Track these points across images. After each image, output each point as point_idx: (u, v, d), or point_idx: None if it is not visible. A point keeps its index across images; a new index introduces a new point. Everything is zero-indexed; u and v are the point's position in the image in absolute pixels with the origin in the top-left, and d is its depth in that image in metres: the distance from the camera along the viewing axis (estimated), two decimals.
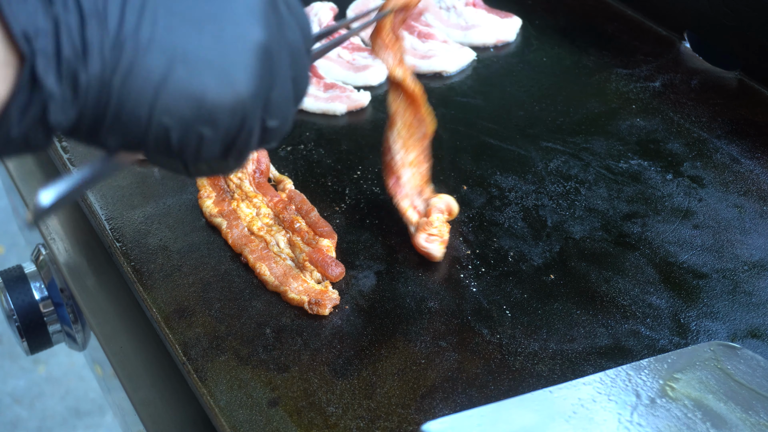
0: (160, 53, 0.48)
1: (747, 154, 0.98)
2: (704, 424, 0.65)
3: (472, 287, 0.82)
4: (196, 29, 0.49)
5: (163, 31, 0.48)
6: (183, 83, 0.48)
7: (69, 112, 0.47)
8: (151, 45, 0.47)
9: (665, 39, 1.18)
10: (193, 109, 0.49)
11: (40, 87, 0.45)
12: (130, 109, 0.48)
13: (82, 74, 0.46)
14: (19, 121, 0.46)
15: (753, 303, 0.80)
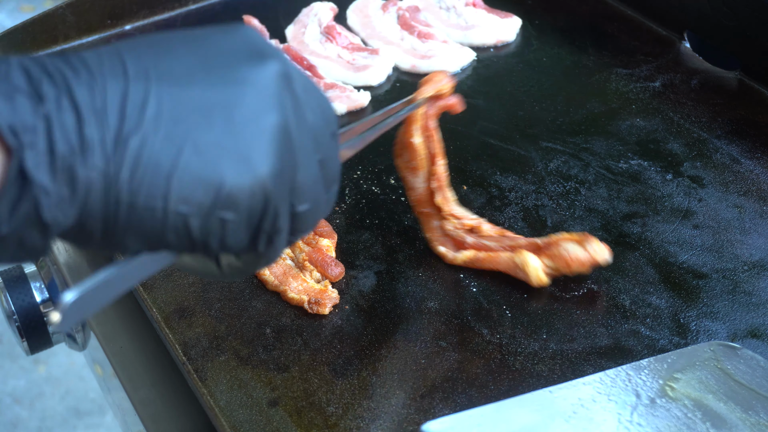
0: (168, 143, 0.46)
1: (747, 154, 0.98)
2: (704, 424, 0.65)
3: (472, 287, 0.82)
4: (205, 117, 0.47)
5: (169, 122, 0.46)
6: (197, 170, 0.47)
7: (67, 210, 0.45)
8: (156, 136, 0.46)
9: (665, 39, 1.18)
10: (211, 194, 0.48)
11: (30, 182, 0.43)
12: (143, 202, 0.46)
13: (81, 170, 0.44)
14: (9, 218, 0.43)
15: (753, 303, 0.80)
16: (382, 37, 1.19)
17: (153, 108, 0.46)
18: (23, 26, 1.17)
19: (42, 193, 0.44)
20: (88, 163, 0.44)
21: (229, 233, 0.50)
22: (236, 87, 0.49)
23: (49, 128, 0.44)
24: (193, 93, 0.47)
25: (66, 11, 1.18)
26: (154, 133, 0.46)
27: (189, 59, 0.49)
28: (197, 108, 0.47)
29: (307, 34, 1.20)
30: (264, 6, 1.26)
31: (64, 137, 0.44)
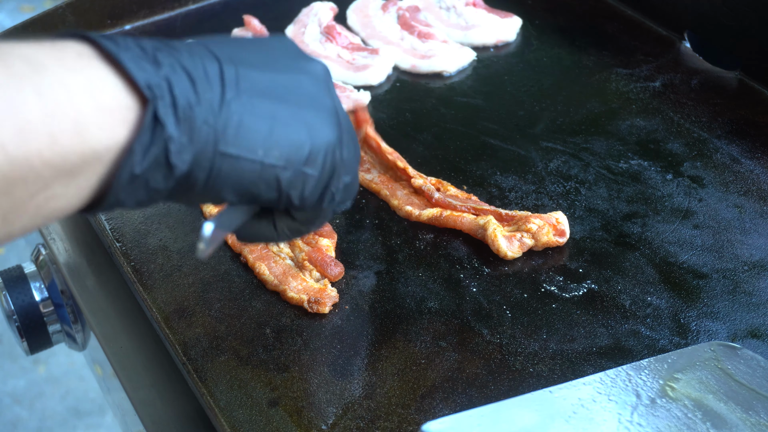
0: (262, 110, 0.55)
1: (747, 154, 0.98)
2: (704, 424, 0.65)
3: (472, 287, 0.82)
4: (282, 94, 0.57)
5: (258, 94, 0.56)
6: (286, 132, 0.56)
7: (186, 155, 0.52)
8: (253, 107, 0.55)
9: (665, 39, 1.18)
10: (298, 150, 0.57)
11: (162, 128, 0.51)
12: (246, 154, 0.55)
13: (197, 122, 0.52)
14: (142, 159, 0.51)
15: (753, 303, 0.80)
16: (382, 37, 1.19)
17: (244, 82, 0.55)
18: (23, 26, 1.17)
19: (169, 139, 0.51)
20: (200, 116, 0.52)
21: (307, 187, 0.59)
22: (299, 74, 0.59)
23: (171, 86, 0.51)
24: (269, 76, 0.57)
25: (66, 11, 1.18)
26: (249, 101, 0.55)
27: (258, 53, 0.58)
28: (277, 86, 0.57)
29: (307, 33, 1.20)
30: (264, 6, 1.26)
31: (183, 94, 0.52)
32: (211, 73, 0.54)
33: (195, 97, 0.52)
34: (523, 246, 0.84)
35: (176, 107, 0.51)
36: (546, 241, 0.85)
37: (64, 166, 0.48)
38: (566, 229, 0.86)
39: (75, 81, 0.48)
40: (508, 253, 0.84)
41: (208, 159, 0.54)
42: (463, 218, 0.87)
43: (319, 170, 0.59)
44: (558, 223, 0.85)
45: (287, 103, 0.57)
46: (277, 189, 0.58)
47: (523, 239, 0.84)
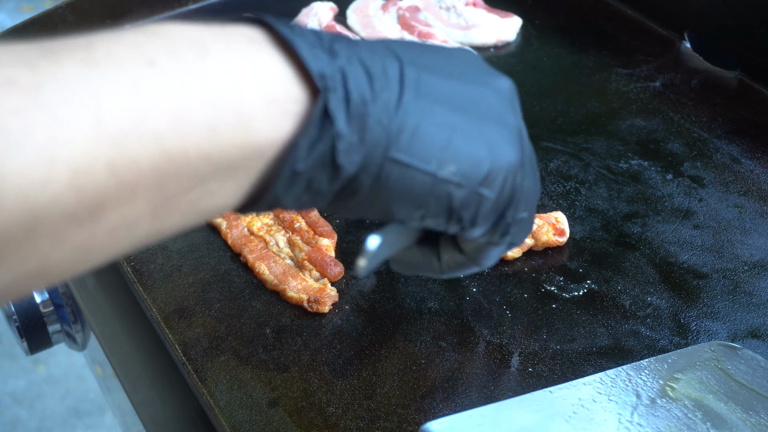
0: (441, 120, 0.50)
1: (747, 154, 0.98)
2: (704, 424, 0.65)
3: (472, 287, 0.82)
4: (463, 106, 0.52)
5: (438, 103, 0.50)
6: (466, 146, 0.51)
7: (354, 156, 0.48)
8: (432, 114, 0.50)
9: (665, 39, 1.18)
10: (478, 169, 0.52)
11: (331, 123, 0.46)
12: (418, 164, 0.49)
13: (370, 121, 0.47)
14: (306, 156, 0.46)
15: (753, 303, 0.80)
16: (382, 37, 1.19)
17: (425, 87, 0.50)
18: (23, 26, 1.17)
19: (338, 137, 0.47)
20: (375, 116, 0.48)
21: (482, 210, 0.53)
22: (485, 88, 0.54)
23: (345, 79, 0.47)
24: (452, 85, 0.52)
25: (66, 11, 1.18)
26: (429, 108, 0.50)
27: (442, 60, 0.53)
28: (460, 97, 0.52)
29: None
30: (264, 6, 1.26)
31: (357, 89, 0.47)
32: (391, 72, 0.49)
33: (371, 93, 0.47)
34: (523, 246, 0.84)
35: (349, 102, 0.47)
36: (546, 241, 0.85)
37: (222, 160, 0.44)
38: (566, 228, 0.86)
39: (242, 68, 0.44)
40: (508, 253, 0.84)
41: (376, 163, 0.49)
42: None
43: (496, 193, 0.53)
44: (558, 222, 0.85)
45: (469, 115, 0.52)
46: (448, 208, 0.52)
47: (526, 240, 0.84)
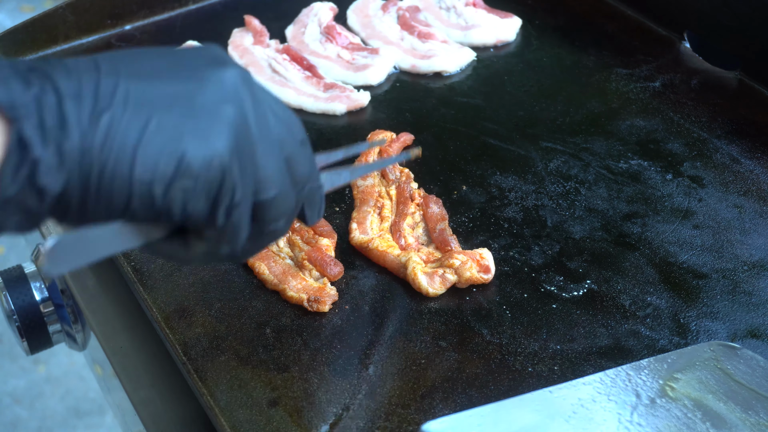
0: (134, 121, 0.53)
1: (747, 154, 0.98)
2: (704, 424, 0.65)
3: (471, 287, 0.82)
4: (168, 103, 0.54)
5: (135, 105, 0.53)
6: (159, 143, 0.53)
7: (57, 176, 0.51)
8: (124, 115, 0.53)
9: (665, 39, 1.18)
10: (171, 164, 0.53)
11: (28, 148, 0.50)
12: (111, 169, 0.52)
13: (65, 142, 0.51)
14: (12, 181, 0.50)
15: (753, 303, 0.80)
16: (383, 37, 1.19)
17: (121, 94, 0.53)
18: (23, 26, 1.17)
19: (38, 160, 0.50)
20: (69, 135, 0.51)
21: (189, 201, 0.55)
22: (198, 82, 0.55)
23: (39, 106, 0.51)
24: (159, 85, 0.54)
25: (66, 11, 1.18)
26: (122, 112, 0.53)
27: (158, 62, 0.56)
28: (161, 96, 0.54)
29: (307, 34, 1.20)
30: (264, 6, 1.26)
31: (50, 113, 0.51)
32: (86, 89, 0.52)
33: (61, 116, 0.51)
34: (445, 282, 0.81)
35: (43, 128, 0.50)
36: (469, 277, 0.81)
37: None
38: (491, 265, 0.82)
39: None
40: (430, 290, 0.81)
41: (77, 177, 0.52)
42: (387, 255, 0.84)
43: (199, 183, 0.55)
44: (482, 259, 0.82)
45: (169, 113, 0.54)
46: (152, 205, 0.54)
47: (446, 275, 0.81)
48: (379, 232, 0.87)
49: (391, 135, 0.99)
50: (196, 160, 0.54)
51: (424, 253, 0.85)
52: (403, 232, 0.87)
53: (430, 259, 0.84)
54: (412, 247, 0.86)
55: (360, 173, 0.76)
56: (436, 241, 0.86)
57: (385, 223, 0.88)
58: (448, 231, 0.87)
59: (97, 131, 0.52)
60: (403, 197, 0.91)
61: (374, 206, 0.90)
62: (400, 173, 0.93)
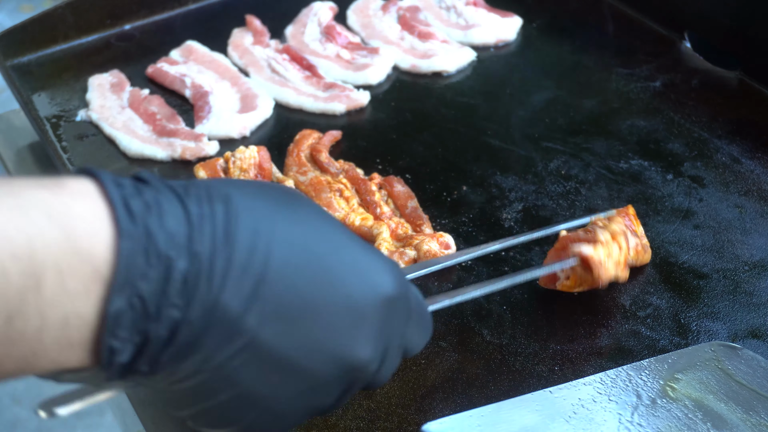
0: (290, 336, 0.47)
1: (748, 154, 0.98)
2: (705, 424, 0.65)
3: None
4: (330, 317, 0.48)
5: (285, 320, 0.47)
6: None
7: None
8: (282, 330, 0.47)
9: (666, 39, 1.18)
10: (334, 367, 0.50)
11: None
12: None
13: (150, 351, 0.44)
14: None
15: (754, 303, 0.80)
16: (383, 37, 1.19)
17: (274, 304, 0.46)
18: (22, 26, 1.17)
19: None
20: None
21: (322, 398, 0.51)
22: (355, 309, 0.49)
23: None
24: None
25: (65, 11, 1.18)
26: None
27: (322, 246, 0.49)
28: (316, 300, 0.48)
29: (306, 33, 1.20)
30: (264, 6, 1.26)
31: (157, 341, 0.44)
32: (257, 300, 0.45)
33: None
34: (403, 257, 0.83)
35: (129, 370, 0.44)
36: (427, 251, 0.83)
37: None
38: (450, 242, 0.84)
39: (55, 314, 0.41)
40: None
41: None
42: (362, 228, 0.86)
43: (340, 389, 0.51)
44: (441, 237, 0.84)
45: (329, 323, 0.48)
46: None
47: (405, 251, 0.84)
48: (350, 209, 0.89)
49: (319, 135, 1.00)
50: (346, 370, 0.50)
51: (395, 222, 0.87)
52: (378, 201, 0.89)
53: (398, 230, 0.86)
54: (386, 216, 0.88)
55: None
56: (408, 219, 0.88)
57: (352, 201, 0.90)
58: (419, 208, 0.89)
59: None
60: (358, 179, 0.92)
61: (333, 192, 0.90)
62: (339, 166, 0.95)
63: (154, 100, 1.09)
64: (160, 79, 1.13)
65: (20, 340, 0.40)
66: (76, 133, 1.05)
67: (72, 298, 0.41)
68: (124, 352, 0.43)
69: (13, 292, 0.39)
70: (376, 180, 0.92)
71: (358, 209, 0.89)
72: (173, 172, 0.99)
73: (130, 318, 0.42)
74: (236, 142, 1.03)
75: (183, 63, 1.15)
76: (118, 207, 0.43)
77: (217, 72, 1.13)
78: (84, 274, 0.41)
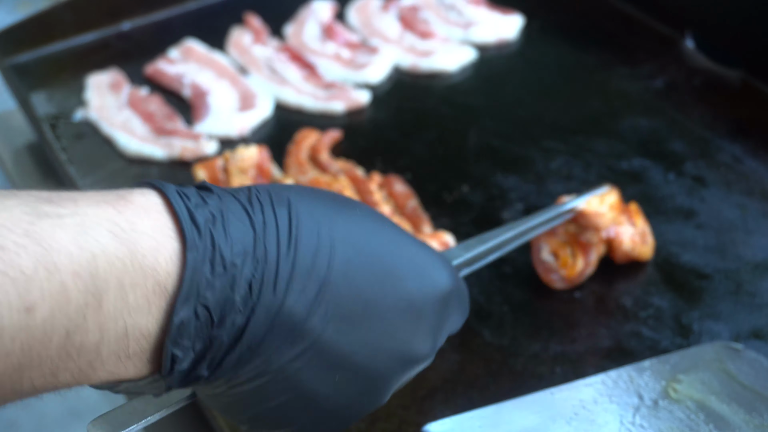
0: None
1: (750, 153, 0.97)
2: (707, 425, 0.64)
3: (472, 287, 0.82)
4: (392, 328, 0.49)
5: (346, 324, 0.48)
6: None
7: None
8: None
9: (667, 37, 1.17)
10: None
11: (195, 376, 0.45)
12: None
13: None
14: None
15: (756, 304, 0.79)
16: (383, 36, 1.19)
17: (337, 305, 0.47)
18: (20, 24, 1.16)
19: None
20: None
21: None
22: (415, 308, 0.50)
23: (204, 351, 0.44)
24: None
25: (63, 9, 1.18)
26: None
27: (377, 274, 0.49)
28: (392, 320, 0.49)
29: (306, 32, 1.19)
30: (263, 4, 1.26)
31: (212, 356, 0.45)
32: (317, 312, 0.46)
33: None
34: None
35: (188, 374, 0.45)
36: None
37: None
38: (450, 241, 0.84)
39: (113, 329, 0.41)
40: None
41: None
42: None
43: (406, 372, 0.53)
44: (441, 236, 0.84)
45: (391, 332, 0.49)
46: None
47: None
48: None
49: (319, 135, 1.00)
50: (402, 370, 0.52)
51: (395, 221, 0.87)
52: (378, 201, 0.89)
53: None
54: (387, 214, 0.88)
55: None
56: (408, 218, 0.88)
57: None
58: (420, 207, 0.89)
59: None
60: (358, 180, 0.92)
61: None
62: (339, 166, 0.94)
63: (152, 99, 1.08)
64: (158, 78, 1.13)
65: (78, 354, 0.41)
66: (74, 133, 1.05)
67: (133, 312, 0.41)
68: (186, 359, 0.43)
69: (73, 309, 0.39)
70: (376, 179, 0.92)
71: None
72: (172, 172, 0.98)
73: (194, 327, 0.43)
74: (235, 142, 1.02)
75: (182, 62, 1.15)
76: (184, 219, 0.43)
77: (216, 71, 1.12)
78: (147, 289, 0.42)
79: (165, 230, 0.43)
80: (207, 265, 0.42)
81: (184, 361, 0.43)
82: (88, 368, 0.42)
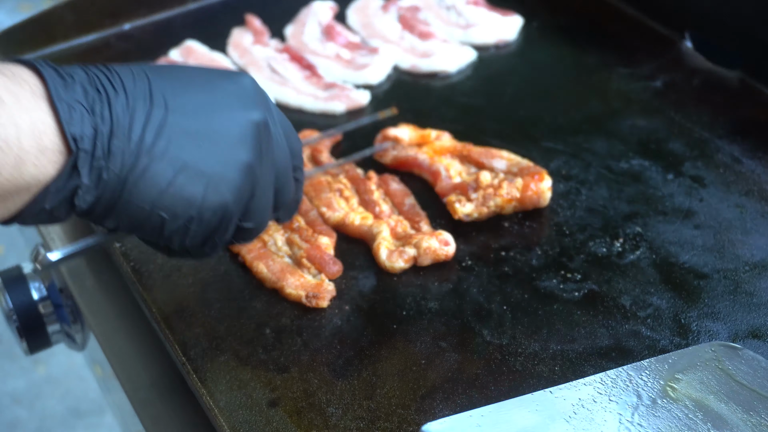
0: (168, 165, 0.60)
1: (749, 154, 0.98)
2: (705, 425, 0.65)
3: (472, 288, 0.82)
4: (197, 144, 0.61)
5: (174, 146, 0.60)
6: (181, 188, 0.61)
7: (89, 198, 0.59)
8: (163, 157, 0.60)
9: (666, 38, 1.18)
10: (186, 208, 0.62)
11: (77, 176, 0.58)
12: (137, 202, 0.60)
13: (104, 172, 0.59)
14: (52, 198, 0.58)
15: (754, 303, 0.80)
16: (383, 37, 1.19)
17: (169, 130, 0.60)
18: (22, 25, 1.17)
19: (80, 185, 0.58)
20: (110, 167, 0.59)
21: (188, 237, 0.64)
22: (225, 125, 0.63)
23: (94, 137, 0.58)
24: (195, 124, 0.62)
25: (65, 10, 1.18)
26: (160, 158, 0.60)
27: (199, 97, 0.63)
28: (195, 136, 0.61)
29: (306, 33, 1.20)
30: (264, 5, 1.26)
31: (101, 145, 0.58)
32: (137, 124, 0.59)
33: (108, 149, 0.58)
34: (402, 255, 0.83)
35: (93, 158, 0.58)
36: (427, 248, 0.83)
37: (1, 190, 0.56)
38: (450, 239, 0.84)
39: (24, 121, 0.55)
40: (386, 264, 0.83)
41: (106, 200, 0.60)
42: (362, 228, 0.87)
43: (203, 227, 0.63)
44: (440, 234, 0.84)
45: (198, 155, 0.61)
46: (160, 233, 0.63)
47: (406, 249, 0.83)
48: (350, 209, 0.89)
49: (319, 135, 1.00)
50: (207, 209, 0.62)
51: (394, 220, 0.88)
52: (377, 200, 0.89)
53: (397, 228, 0.87)
54: (386, 215, 0.88)
55: (328, 167, 0.88)
56: (406, 216, 0.89)
57: (352, 200, 0.90)
58: (417, 205, 0.90)
59: (136, 167, 0.59)
60: (357, 179, 0.92)
61: (333, 192, 0.91)
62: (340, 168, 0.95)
63: None
64: None
65: (7, 148, 0.54)
66: None
67: (29, 111, 0.55)
68: (85, 139, 0.57)
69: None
70: (373, 179, 0.92)
71: (358, 209, 0.89)
72: None
73: (78, 112, 0.57)
74: None
75: (183, 62, 1.15)
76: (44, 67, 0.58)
77: None
78: (27, 92, 0.56)
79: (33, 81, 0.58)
80: (60, 79, 0.58)
81: (84, 140, 0.57)
82: (20, 162, 0.55)
